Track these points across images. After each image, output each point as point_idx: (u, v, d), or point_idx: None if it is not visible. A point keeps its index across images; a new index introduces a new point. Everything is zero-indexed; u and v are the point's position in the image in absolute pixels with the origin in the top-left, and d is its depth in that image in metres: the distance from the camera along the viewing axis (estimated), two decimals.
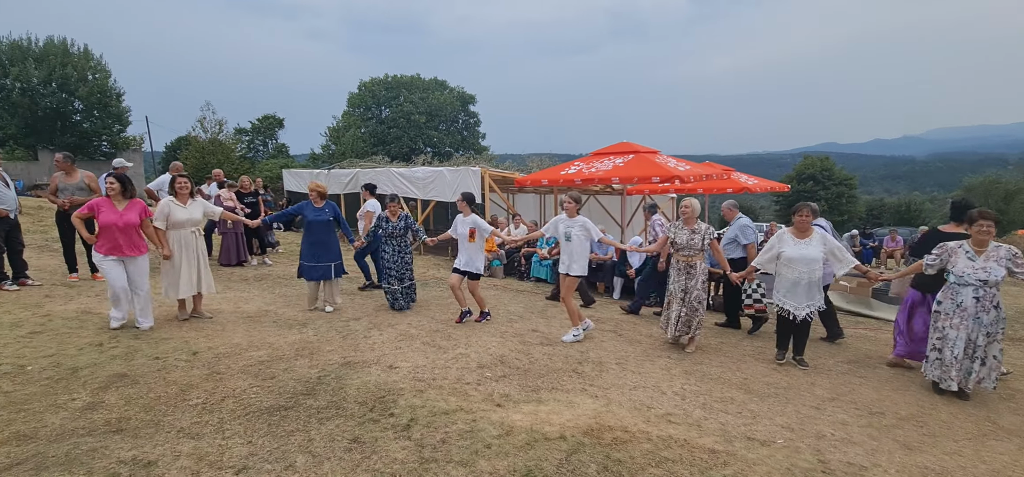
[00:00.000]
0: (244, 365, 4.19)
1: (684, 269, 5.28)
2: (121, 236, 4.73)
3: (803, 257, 4.84)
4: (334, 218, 6.21)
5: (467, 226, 5.91)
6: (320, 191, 6.21)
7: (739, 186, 12.37)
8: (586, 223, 5.45)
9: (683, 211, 5.27)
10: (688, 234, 5.22)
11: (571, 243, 5.41)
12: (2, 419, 3.12)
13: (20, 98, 25.65)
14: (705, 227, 5.23)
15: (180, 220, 5.19)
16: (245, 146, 40.73)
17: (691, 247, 5.19)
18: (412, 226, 6.37)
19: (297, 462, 2.80)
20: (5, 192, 5.88)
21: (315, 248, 6.08)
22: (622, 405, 3.77)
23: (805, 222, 4.88)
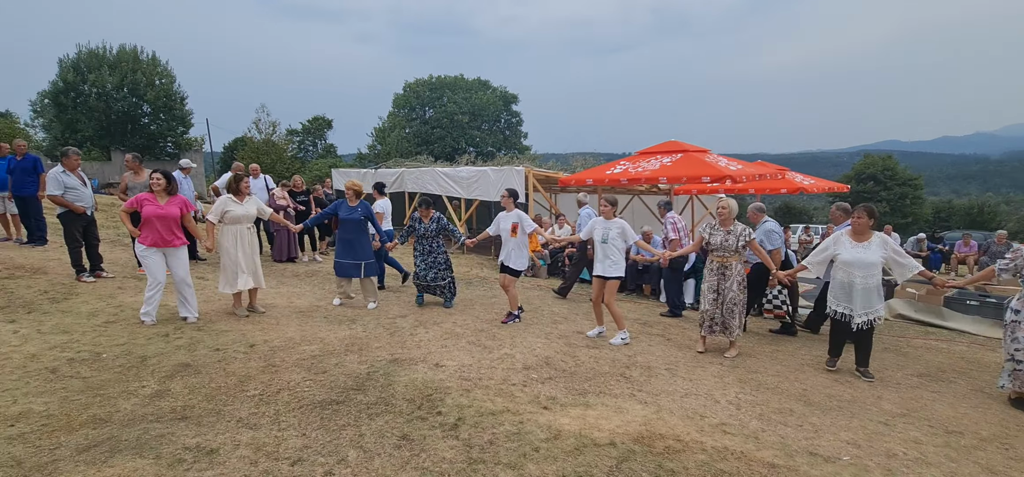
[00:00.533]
0: (297, 359, 4.32)
1: (718, 270, 5.13)
2: (163, 228, 4.99)
3: (860, 261, 4.59)
4: (365, 217, 6.27)
5: (510, 221, 5.91)
6: (356, 189, 6.33)
7: (794, 186, 11.82)
8: (624, 226, 5.39)
9: (720, 212, 5.12)
10: (723, 235, 5.06)
11: (607, 245, 5.34)
12: (81, 403, 3.33)
13: (96, 102, 27.57)
14: (741, 228, 5.08)
15: (237, 216, 5.41)
16: (296, 146, 42.36)
17: (725, 248, 5.04)
18: (446, 227, 6.41)
19: (349, 457, 2.85)
20: (83, 190, 6.31)
21: (346, 246, 6.20)
22: (673, 413, 3.65)
23: (863, 224, 4.64)
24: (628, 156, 10.33)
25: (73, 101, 27.45)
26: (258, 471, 2.67)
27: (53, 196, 6.08)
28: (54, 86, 27.67)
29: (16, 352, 4.01)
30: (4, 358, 3.89)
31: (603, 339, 5.46)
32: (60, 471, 2.59)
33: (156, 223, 4.96)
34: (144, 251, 4.96)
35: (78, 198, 6.20)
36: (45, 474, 2.56)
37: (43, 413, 3.16)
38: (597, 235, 5.43)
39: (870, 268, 4.56)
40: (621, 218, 5.53)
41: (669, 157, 8.98)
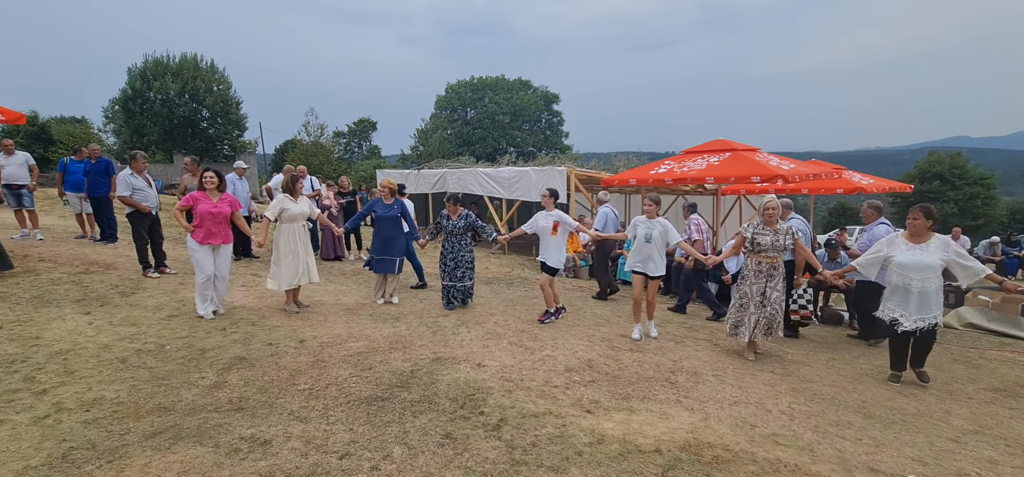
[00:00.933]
0: (344, 355, 4.44)
1: (766, 271, 4.97)
2: (214, 225, 5.21)
3: (917, 264, 4.35)
4: (401, 214, 6.39)
5: (551, 220, 5.85)
6: (390, 187, 6.46)
7: (851, 186, 11.21)
8: (667, 226, 5.36)
9: (767, 211, 4.93)
10: (772, 235, 4.90)
11: (651, 244, 5.32)
12: (147, 391, 3.53)
13: (160, 108, 29.36)
14: (786, 226, 4.98)
15: (293, 214, 5.66)
16: (342, 148, 43.71)
17: (776, 248, 4.89)
18: (474, 224, 6.34)
19: (394, 453, 2.90)
20: (149, 191, 6.72)
21: (383, 243, 6.32)
22: (722, 421, 3.53)
23: (920, 226, 4.45)
24: (673, 155, 10.08)
25: (140, 107, 29.33)
26: (308, 463, 2.76)
27: (122, 197, 6.50)
28: (123, 93, 29.66)
29: (91, 342, 4.31)
30: (81, 348, 4.18)
31: (647, 342, 5.35)
32: (129, 455, 2.76)
33: (208, 220, 5.17)
34: (195, 246, 5.15)
35: (144, 199, 6.60)
36: (116, 457, 2.73)
37: (114, 400, 3.37)
38: (640, 233, 5.40)
39: (927, 271, 4.31)
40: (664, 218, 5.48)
41: (717, 156, 8.69)
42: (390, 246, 6.31)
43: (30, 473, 2.56)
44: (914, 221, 4.46)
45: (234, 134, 32.64)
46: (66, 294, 5.50)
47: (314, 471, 2.69)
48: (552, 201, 5.97)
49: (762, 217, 4.99)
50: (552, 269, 5.92)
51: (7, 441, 2.83)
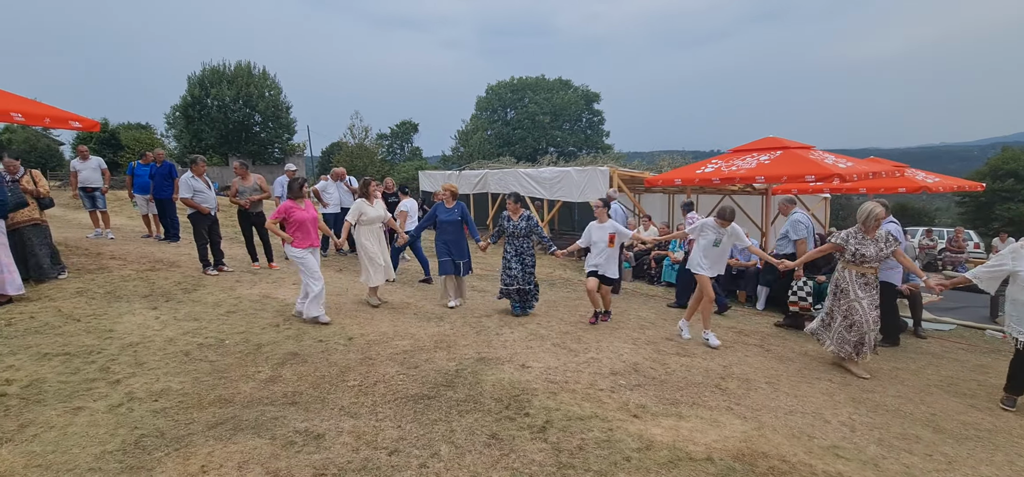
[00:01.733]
0: (391, 353, 4.53)
1: (871, 282, 4.67)
2: (313, 230, 5.43)
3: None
4: (462, 218, 6.46)
5: (606, 232, 5.73)
6: (452, 191, 6.52)
7: (915, 185, 10.56)
8: (737, 230, 5.33)
9: (870, 218, 4.56)
10: (874, 245, 4.59)
11: (719, 249, 5.36)
12: (209, 384, 3.72)
13: (217, 114, 30.91)
14: (884, 232, 4.68)
15: (371, 217, 6.09)
16: (385, 150, 44.71)
17: (879, 259, 4.62)
18: (536, 229, 6.18)
19: (441, 451, 2.94)
20: (208, 193, 7.07)
21: (447, 246, 6.40)
22: (777, 430, 3.39)
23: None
24: (720, 154, 9.78)
25: (198, 113, 30.98)
26: (359, 458, 2.83)
27: (184, 198, 6.87)
28: (184, 100, 31.40)
29: (158, 336, 4.57)
30: (149, 341, 4.44)
31: (694, 346, 5.21)
32: (194, 444, 2.91)
33: (309, 226, 5.35)
34: (301, 254, 5.26)
35: (204, 200, 6.96)
36: (182, 446, 2.88)
37: (180, 391, 3.56)
38: (709, 238, 5.37)
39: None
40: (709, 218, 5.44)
41: (767, 155, 8.37)
42: (452, 249, 6.38)
43: (107, 458, 2.74)
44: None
45: (284, 138, 33.99)
46: (135, 290, 5.86)
47: (365, 466, 2.75)
48: (606, 212, 5.90)
49: (862, 226, 4.64)
50: (610, 280, 5.85)
51: (86, 427, 3.03)
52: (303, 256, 5.27)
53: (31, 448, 2.80)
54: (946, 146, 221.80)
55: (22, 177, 5.86)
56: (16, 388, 3.43)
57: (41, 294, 5.43)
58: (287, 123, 33.91)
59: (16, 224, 5.66)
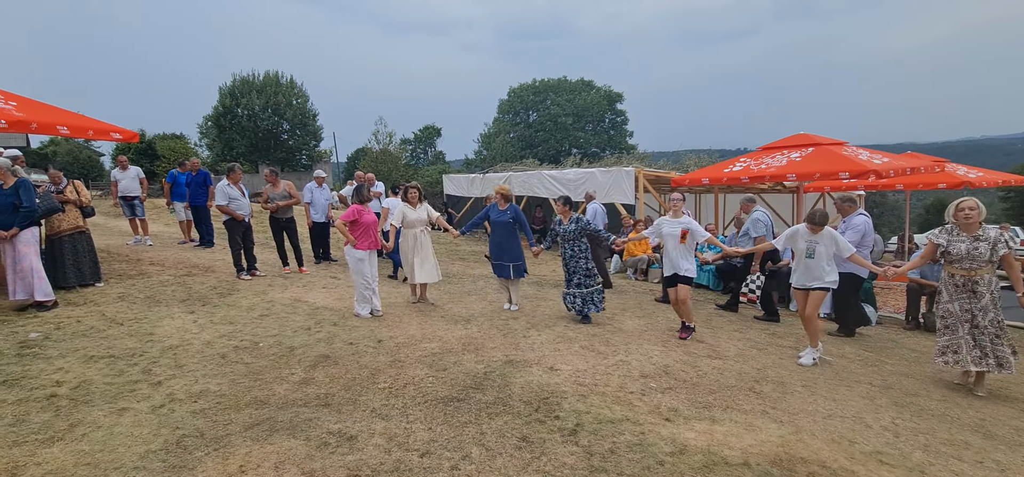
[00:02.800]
0: (420, 355, 4.57)
1: (964, 286, 4.18)
2: (375, 233, 5.73)
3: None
4: (514, 220, 6.37)
5: (678, 227, 5.37)
6: (504, 194, 6.50)
7: (956, 180, 10.16)
8: (834, 235, 4.75)
9: (969, 215, 4.13)
10: (970, 243, 4.11)
11: (814, 260, 4.78)
12: (245, 385, 3.81)
13: (247, 123, 31.78)
14: (994, 232, 4.09)
15: (412, 220, 6.32)
16: (409, 154, 45.23)
17: (974, 259, 4.08)
18: (588, 228, 5.99)
19: (472, 453, 2.94)
20: (243, 200, 7.27)
21: (498, 248, 6.42)
22: (815, 435, 3.29)
23: None
24: (749, 152, 9.58)
25: (229, 122, 31.90)
26: (391, 459, 2.85)
27: (220, 205, 7.08)
28: (215, 110, 32.36)
29: (196, 339, 4.71)
30: (188, 344, 4.58)
31: (727, 348, 5.10)
32: (232, 444, 2.98)
33: (372, 230, 5.66)
34: (361, 255, 5.56)
35: (239, 207, 7.15)
36: (221, 446, 2.96)
37: (217, 393, 3.66)
38: (801, 248, 4.90)
39: None
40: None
41: (798, 152, 8.15)
42: (503, 251, 6.37)
43: (151, 457, 2.83)
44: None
45: (311, 145, 34.73)
46: (173, 295, 6.06)
47: (397, 467, 2.78)
48: (681, 205, 5.52)
49: (955, 220, 4.22)
50: (688, 278, 5.42)
51: (130, 427, 3.14)
52: (362, 259, 5.55)
53: (80, 447, 2.91)
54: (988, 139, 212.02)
55: (65, 187, 6.12)
56: (66, 389, 3.58)
57: (86, 299, 5.65)
58: (314, 130, 34.65)
59: (60, 232, 5.91)
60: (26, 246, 5.15)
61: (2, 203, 5.03)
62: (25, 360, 4.01)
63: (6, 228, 5.00)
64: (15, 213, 5.08)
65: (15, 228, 5.07)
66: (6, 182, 5.10)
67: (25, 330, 4.59)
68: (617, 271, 10.13)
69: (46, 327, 4.72)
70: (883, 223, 24.09)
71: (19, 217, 5.11)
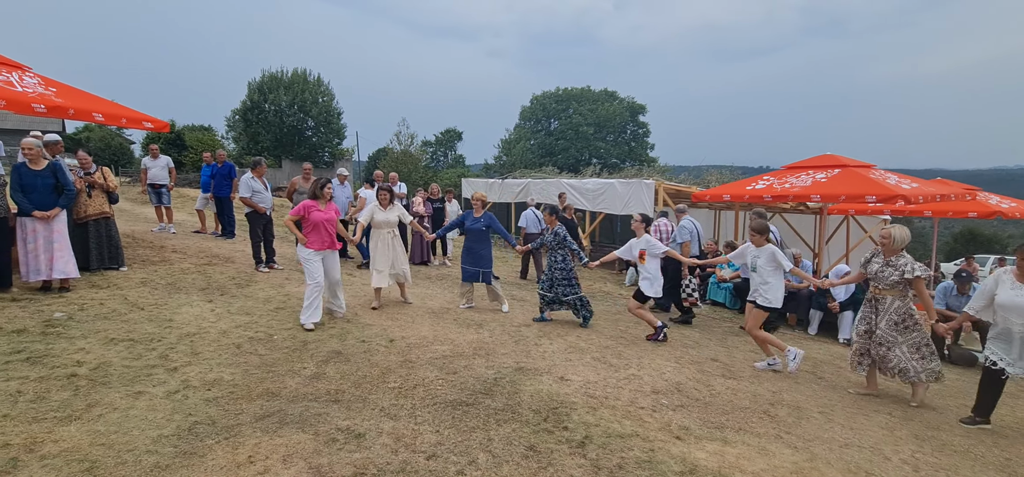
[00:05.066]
0: (431, 357, 4.57)
1: (871, 302, 4.66)
2: (328, 232, 5.30)
3: (1017, 306, 3.91)
4: (488, 227, 6.46)
5: (638, 247, 5.76)
6: (482, 200, 6.59)
7: (987, 209, 9.86)
8: (775, 252, 4.98)
9: (881, 240, 4.62)
10: (881, 264, 4.55)
11: (757, 274, 5.04)
12: (258, 376, 3.85)
13: (273, 118, 32.37)
14: (905, 261, 4.44)
15: (380, 221, 6.10)
16: (429, 157, 45.56)
17: (880, 279, 4.53)
18: (565, 240, 6.15)
19: (479, 459, 2.92)
20: (265, 194, 7.40)
21: (469, 253, 6.47)
22: (831, 464, 3.20)
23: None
24: (771, 171, 9.42)
25: (256, 117, 32.52)
26: (398, 460, 2.85)
27: (243, 198, 7.21)
28: (243, 105, 33.03)
29: (213, 328, 4.79)
30: (204, 332, 4.66)
31: (741, 369, 5.01)
32: (243, 434, 3.01)
33: (324, 228, 5.25)
34: (309, 255, 5.17)
35: (262, 200, 7.28)
36: (232, 435, 2.99)
37: (231, 382, 3.71)
38: (748, 261, 5.19)
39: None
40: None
41: (824, 173, 8.00)
42: (474, 257, 6.44)
43: (163, 441, 2.88)
44: (1023, 259, 3.96)
45: (334, 142, 35.21)
46: (193, 283, 6.17)
47: (404, 468, 2.77)
48: (643, 227, 5.79)
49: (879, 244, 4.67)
50: (644, 297, 5.72)
51: (146, 411, 3.20)
52: (310, 258, 5.16)
53: (96, 427, 2.97)
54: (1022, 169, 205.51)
55: (94, 172, 6.29)
56: (86, 370, 3.67)
57: (109, 282, 5.79)
58: (338, 129, 35.13)
59: (87, 216, 6.07)
60: (62, 225, 5.34)
61: (38, 184, 5.16)
62: (49, 339, 4.12)
63: (42, 208, 5.12)
64: (50, 193, 5.23)
65: (57, 208, 5.22)
66: (39, 164, 5.26)
67: (51, 310, 4.72)
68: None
69: (70, 308, 4.84)
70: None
71: (63, 198, 5.31)
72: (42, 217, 5.10)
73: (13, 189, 5.09)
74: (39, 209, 5.09)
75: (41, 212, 5.09)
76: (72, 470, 2.56)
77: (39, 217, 5.09)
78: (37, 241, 5.13)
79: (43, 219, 5.11)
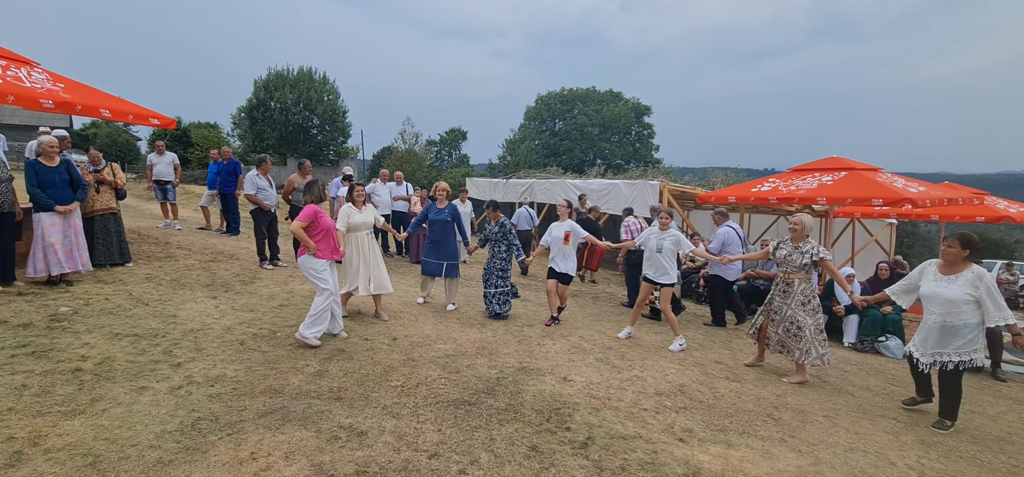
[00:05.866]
0: (433, 356, 4.57)
1: (781, 286, 4.99)
2: (335, 240, 4.88)
3: (937, 296, 4.04)
4: (452, 219, 6.40)
5: (563, 229, 6.15)
6: (446, 191, 6.56)
7: (995, 214, 9.78)
8: (679, 237, 5.63)
9: (791, 227, 4.99)
10: (789, 249, 4.93)
11: (662, 255, 5.58)
12: (261, 373, 3.86)
13: (278, 116, 32.48)
14: (812, 245, 4.84)
15: (357, 223, 5.52)
16: (434, 156, 45.58)
17: (789, 263, 4.90)
18: (508, 234, 6.21)
19: (481, 459, 2.92)
20: (270, 191, 7.42)
21: (433, 246, 6.40)
22: (835, 468, 3.18)
23: (953, 255, 4.07)
24: (778, 173, 9.38)
25: (262, 115, 32.64)
26: (400, 458, 2.85)
27: (248, 195, 7.23)
28: (249, 102, 33.15)
29: (217, 324, 4.80)
30: (208, 328, 4.67)
31: (746, 371, 4.98)
32: (245, 431, 3.01)
33: (332, 236, 4.79)
34: (321, 266, 4.59)
35: (266, 198, 7.30)
36: (234, 431, 3.00)
37: (234, 378, 3.72)
38: (651, 245, 5.68)
39: (950, 305, 3.97)
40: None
41: (830, 175, 7.95)
42: (438, 250, 6.37)
43: (166, 437, 2.88)
44: (948, 250, 4.09)
45: (339, 141, 35.29)
46: (198, 279, 6.19)
47: (405, 467, 2.77)
48: (567, 211, 6.38)
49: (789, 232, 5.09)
50: (561, 275, 6.17)
51: (149, 406, 3.21)
52: (322, 269, 4.60)
53: (100, 422, 2.98)
54: None
55: (104, 169, 6.33)
56: (90, 364, 3.68)
57: (115, 278, 5.82)
58: (343, 127, 35.21)
59: (93, 212, 6.10)
60: (78, 219, 5.49)
61: (55, 180, 5.29)
62: (54, 333, 4.14)
63: (60, 203, 5.26)
64: (66, 189, 5.37)
65: (75, 202, 5.41)
66: (54, 160, 5.32)
67: (57, 304, 4.74)
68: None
69: (76, 303, 4.86)
70: (913, 254, 23.28)
71: (80, 192, 5.52)
72: (64, 211, 5.27)
73: (31, 185, 5.17)
74: (57, 204, 5.25)
75: (63, 207, 5.26)
76: (76, 464, 2.57)
77: (61, 212, 5.25)
78: (55, 235, 5.22)
79: (65, 213, 5.28)
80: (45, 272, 5.20)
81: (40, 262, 5.16)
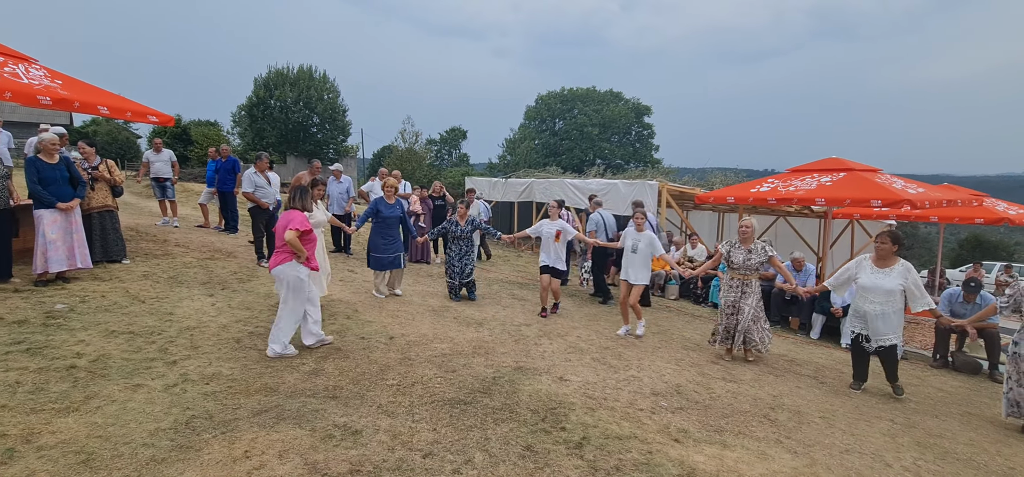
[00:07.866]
0: (430, 355, 4.56)
1: (739, 287, 5.32)
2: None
3: (877, 287, 4.54)
4: (402, 215, 6.63)
5: (555, 228, 6.48)
6: (395, 187, 6.69)
7: (994, 216, 9.77)
8: (652, 239, 5.87)
9: (743, 231, 5.32)
10: (745, 253, 5.25)
11: (636, 255, 5.84)
12: (256, 371, 3.85)
13: (278, 114, 32.43)
14: (760, 245, 5.26)
15: (317, 221, 5.39)
16: (433, 155, 45.59)
17: (747, 267, 5.25)
18: (479, 225, 7.02)
19: (475, 458, 2.91)
20: (269, 189, 7.40)
21: (386, 240, 6.47)
22: (831, 470, 3.17)
23: (886, 250, 4.57)
24: (777, 174, 9.37)
25: (262, 113, 32.59)
26: (394, 457, 2.84)
27: (246, 193, 7.22)
28: (249, 100, 33.11)
29: (213, 322, 4.79)
30: (204, 326, 4.66)
31: (742, 372, 4.98)
32: (239, 429, 3.01)
33: (314, 244, 4.49)
34: (306, 275, 4.32)
35: (264, 196, 7.28)
36: (229, 429, 2.99)
37: (229, 376, 3.71)
38: (628, 244, 5.94)
39: (888, 295, 4.49)
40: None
41: (829, 176, 7.94)
42: (391, 243, 6.50)
43: (160, 435, 2.88)
44: (882, 245, 4.58)
45: (339, 140, 35.24)
46: (195, 277, 6.18)
47: (400, 466, 2.76)
48: (558, 211, 6.73)
49: (738, 236, 5.39)
50: (553, 270, 6.50)
51: (143, 404, 3.20)
52: (305, 280, 4.32)
53: (94, 419, 2.97)
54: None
55: (99, 165, 6.31)
56: (85, 361, 3.67)
57: (112, 275, 5.81)
58: (343, 126, 35.16)
59: (91, 209, 6.09)
60: (78, 216, 5.49)
61: (56, 177, 5.29)
62: (49, 330, 4.13)
63: (60, 200, 5.24)
64: (66, 186, 5.36)
65: (76, 199, 5.41)
66: (54, 157, 5.32)
67: (52, 301, 4.73)
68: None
69: (72, 300, 4.85)
70: (913, 255, 23.27)
71: (80, 189, 5.51)
72: (65, 208, 5.27)
73: (32, 182, 5.16)
74: (58, 201, 5.24)
75: (64, 204, 5.26)
76: (68, 461, 2.56)
77: (62, 209, 5.25)
78: (57, 232, 5.22)
79: (66, 210, 5.28)
80: (45, 269, 5.18)
81: (40, 259, 5.16)
